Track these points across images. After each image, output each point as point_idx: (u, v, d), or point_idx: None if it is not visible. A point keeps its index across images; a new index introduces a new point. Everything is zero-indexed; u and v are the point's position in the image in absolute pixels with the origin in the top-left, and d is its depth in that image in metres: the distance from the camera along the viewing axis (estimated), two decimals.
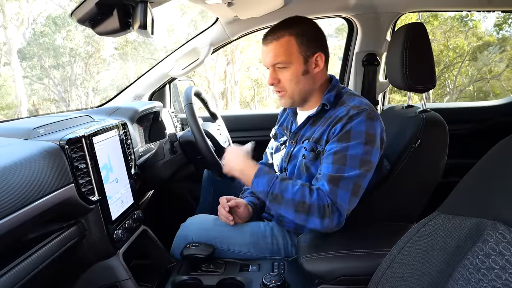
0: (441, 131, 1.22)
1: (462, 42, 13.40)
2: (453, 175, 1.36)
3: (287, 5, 1.74)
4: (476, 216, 0.68)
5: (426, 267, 0.73)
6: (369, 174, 1.08)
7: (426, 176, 1.25)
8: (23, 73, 13.97)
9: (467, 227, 0.69)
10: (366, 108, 1.10)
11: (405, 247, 0.78)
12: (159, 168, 1.45)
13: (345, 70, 2.06)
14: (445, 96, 14.51)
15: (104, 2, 0.94)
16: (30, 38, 14.18)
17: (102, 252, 1.10)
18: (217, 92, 15.29)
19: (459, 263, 0.68)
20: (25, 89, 13.86)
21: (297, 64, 1.12)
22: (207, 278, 1.15)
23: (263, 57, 1.17)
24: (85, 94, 14.93)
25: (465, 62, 13.71)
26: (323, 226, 1.03)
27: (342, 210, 1.03)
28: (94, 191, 1.03)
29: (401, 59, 1.26)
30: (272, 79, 1.16)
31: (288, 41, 1.11)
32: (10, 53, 13.03)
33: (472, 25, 13.44)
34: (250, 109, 16.23)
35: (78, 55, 14.52)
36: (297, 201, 1.04)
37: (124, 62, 16.03)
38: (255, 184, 1.09)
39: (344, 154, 1.06)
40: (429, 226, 0.77)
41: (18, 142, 0.95)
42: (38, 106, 14.32)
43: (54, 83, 14.55)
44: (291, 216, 1.06)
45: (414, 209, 1.30)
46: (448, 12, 13.90)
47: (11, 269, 0.80)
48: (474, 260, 0.66)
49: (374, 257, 0.99)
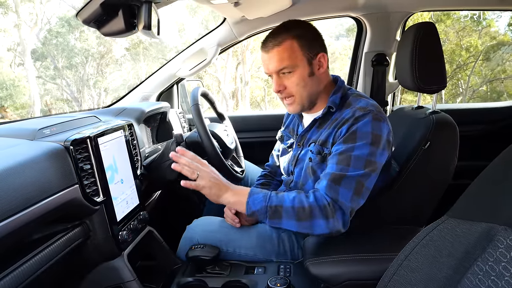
0: (451, 132, 1.20)
1: (475, 41, 13.20)
2: (464, 178, 1.33)
3: (294, 4, 1.73)
4: (486, 221, 0.66)
5: (434, 273, 0.71)
6: (374, 174, 1.06)
7: (435, 179, 1.23)
8: (36, 73, 14.18)
9: (477, 232, 0.67)
10: (372, 109, 1.08)
11: (413, 252, 0.77)
12: (165, 169, 1.44)
13: (354, 70, 2.04)
14: (458, 96, 14.32)
15: (109, 3, 0.94)
16: (43, 38, 14.39)
17: (106, 253, 1.10)
18: (228, 92, 15.32)
19: (468, 270, 0.66)
20: (38, 89, 14.08)
21: (302, 66, 1.11)
22: (212, 280, 1.14)
23: (265, 64, 1.14)
24: (97, 94, 15.10)
25: (478, 62, 13.51)
26: (330, 228, 1.00)
27: (344, 208, 1.01)
28: (98, 192, 1.03)
29: (410, 59, 1.24)
30: (278, 86, 1.13)
31: (290, 44, 1.09)
32: (24, 54, 13.24)
33: (485, 24, 13.23)
34: (260, 109, 16.24)
35: (90, 56, 14.69)
36: (296, 208, 1.01)
37: (136, 63, 16.17)
38: (250, 202, 1.05)
39: (349, 155, 1.04)
40: (437, 231, 0.75)
41: (23, 143, 0.95)
42: (51, 106, 14.53)
43: (67, 83, 14.74)
44: (294, 228, 1.02)
45: (423, 212, 1.28)
46: (460, 11, 13.69)
47: (16, 269, 0.80)
48: (483, 267, 0.64)
49: (380, 262, 0.97)
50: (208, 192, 1.08)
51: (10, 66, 14.19)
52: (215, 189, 1.08)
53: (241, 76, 15.37)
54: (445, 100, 14.05)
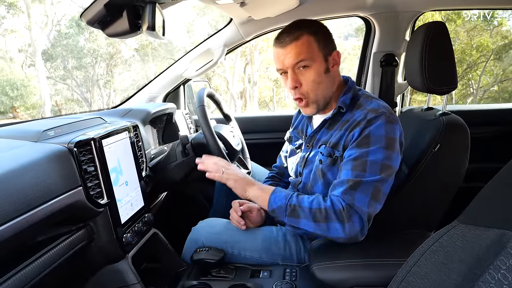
0: (462, 135, 1.17)
1: (486, 41, 13.04)
2: (476, 180, 1.30)
3: (302, 4, 1.71)
4: (498, 227, 0.63)
5: (444, 280, 0.69)
6: (390, 179, 1.04)
7: (446, 182, 1.20)
8: (47, 73, 14.36)
9: (488, 239, 0.65)
10: (385, 111, 1.06)
11: (422, 258, 0.74)
12: (171, 170, 1.44)
13: (363, 71, 2.02)
14: (469, 96, 14.15)
15: (113, 4, 0.93)
16: (54, 39, 14.56)
17: (111, 256, 1.09)
18: (236, 93, 15.34)
19: (480, 277, 0.64)
20: (49, 89, 14.25)
21: (319, 62, 1.09)
22: (217, 284, 1.13)
23: (280, 59, 1.12)
24: (107, 94, 15.24)
25: (489, 61, 13.33)
26: (347, 233, 0.99)
27: (361, 213, 0.99)
28: (103, 194, 1.02)
29: (420, 59, 1.21)
30: (295, 82, 1.11)
31: (307, 39, 1.08)
32: (35, 55, 13.42)
33: (497, 23, 13.06)
34: (269, 110, 16.24)
35: (100, 56, 14.82)
36: (314, 209, 1.02)
37: (145, 63, 16.28)
38: (272, 199, 1.09)
39: (364, 160, 1.02)
40: (447, 237, 0.72)
41: (27, 144, 0.95)
42: (61, 106, 14.70)
43: (76, 84, 14.91)
44: (311, 228, 1.03)
45: (433, 216, 1.25)
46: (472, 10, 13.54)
47: (19, 272, 0.80)
48: (496, 275, 0.61)
49: (388, 267, 0.95)
50: (233, 184, 1.15)
51: (21, 67, 14.39)
52: (240, 182, 1.15)
53: (250, 76, 15.39)
54: (455, 101, 13.91)
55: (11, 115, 13.08)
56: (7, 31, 13.77)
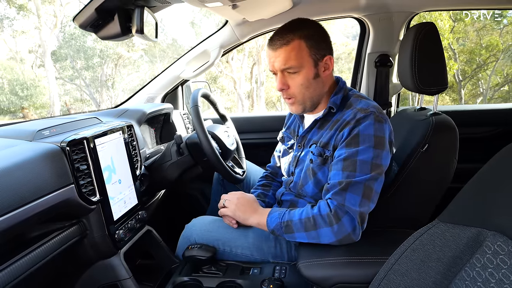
0: (450, 135, 1.18)
1: (496, 40, 12.87)
2: None
3: (295, 6, 1.71)
4: (476, 226, 0.65)
5: (423, 278, 0.71)
6: (381, 177, 1.06)
7: (433, 182, 1.21)
8: (56, 74, 14.51)
9: (466, 237, 0.66)
10: (374, 110, 1.07)
11: (402, 256, 0.76)
12: (166, 169, 1.46)
13: (358, 71, 2.02)
14: (478, 96, 13.98)
15: (104, 8, 0.96)
16: (63, 40, 14.71)
17: (103, 251, 1.12)
18: (243, 93, 15.35)
19: (456, 275, 0.66)
20: (58, 90, 14.40)
21: (308, 68, 1.10)
22: (208, 280, 1.15)
23: (270, 61, 1.13)
24: (115, 94, 15.35)
25: (499, 61, 13.15)
26: (336, 234, 1.01)
27: (352, 213, 1.01)
28: (95, 192, 1.05)
29: (410, 60, 1.23)
30: (282, 84, 1.13)
31: (298, 44, 1.08)
32: (45, 55, 13.56)
33: (507, 22, 12.89)
34: (276, 110, 16.21)
35: (108, 57, 14.94)
36: (303, 219, 1.05)
37: (153, 63, 16.37)
38: (269, 221, 1.12)
39: (354, 160, 1.03)
40: (427, 235, 0.74)
41: (21, 143, 0.98)
42: (70, 106, 14.85)
43: (85, 84, 15.04)
44: (305, 239, 1.06)
45: (421, 215, 1.26)
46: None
47: (12, 264, 0.83)
48: (471, 272, 0.63)
49: (371, 265, 0.97)
50: (232, 214, 1.23)
51: (31, 67, 14.58)
52: (239, 212, 1.21)
53: (257, 76, 15.38)
54: (464, 101, 13.74)
55: (21, 115, 13.26)
56: (18, 32, 13.96)
